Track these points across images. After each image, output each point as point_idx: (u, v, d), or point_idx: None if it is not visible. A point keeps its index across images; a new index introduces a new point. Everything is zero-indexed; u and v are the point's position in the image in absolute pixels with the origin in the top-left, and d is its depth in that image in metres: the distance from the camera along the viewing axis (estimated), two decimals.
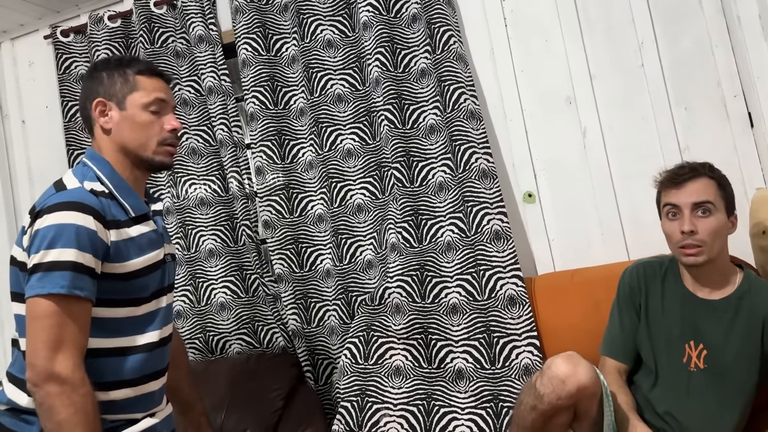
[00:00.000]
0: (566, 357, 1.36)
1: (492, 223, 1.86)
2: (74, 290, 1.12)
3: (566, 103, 1.98)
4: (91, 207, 1.16)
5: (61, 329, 1.11)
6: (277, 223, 2.06)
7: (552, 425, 1.37)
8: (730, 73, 1.84)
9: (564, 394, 1.32)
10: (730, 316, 1.41)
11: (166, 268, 1.31)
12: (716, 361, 1.41)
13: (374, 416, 1.85)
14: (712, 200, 1.38)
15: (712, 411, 1.41)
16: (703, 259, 1.39)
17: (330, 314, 2.04)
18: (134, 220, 1.24)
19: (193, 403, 1.47)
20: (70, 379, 1.10)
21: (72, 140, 2.32)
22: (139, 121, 1.27)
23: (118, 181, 1.26)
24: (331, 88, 2.06)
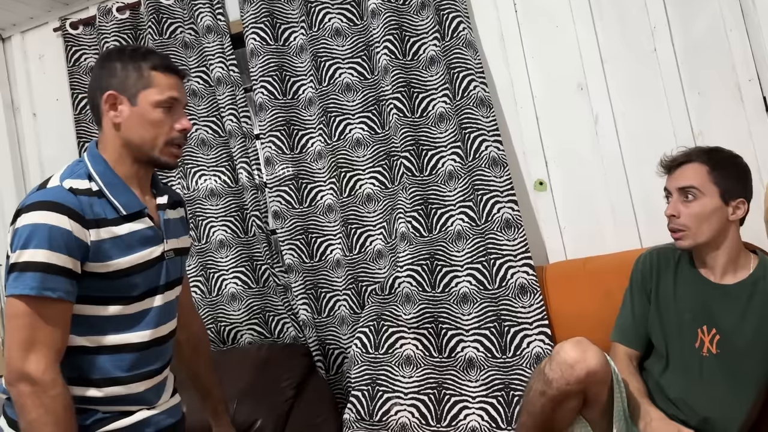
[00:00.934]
0: (575, 342, 1.35)
1: (502, 212, 1.85)
2: (44, 291, 1.11)
3: (578, 89, 1.96)
4: (66, 207, 1.14)
5: (33, 330, 1.11)
6: (286, 213, 2.06)
7: (561, 410, 1.36)
8: (745, 57, 1.81)
9: (573, 379, 1.32)
10: (744, 301, 1.40)
11: (163, 265, 1.27)
12: (729, 345, 1.39)
13: (385, 405, 1.85)
14: (698, 186, 1.39)
15: (725, 396, 1.39)
16: (688, 243, 1.41)
17: (340, 304, 2.04)
18: (125, 218, 1.21)
19: (211, 389, 1.47)
20: (41, 380, 1.10)
21: (83, 132, 2.33)
22: (150, 119, 1.24)
23: (111, 178, 1.22)
24: (340, 77, 2.04)
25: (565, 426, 1.41)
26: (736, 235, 1.43)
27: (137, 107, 1.23)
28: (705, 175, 1.40)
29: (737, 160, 1.45)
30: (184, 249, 1.37)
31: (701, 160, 1.41)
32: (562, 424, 1.40)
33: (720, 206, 1.39)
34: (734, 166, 1.43)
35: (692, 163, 1.42)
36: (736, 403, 1.40)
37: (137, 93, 1.23)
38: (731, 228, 1.42)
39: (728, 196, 1.39)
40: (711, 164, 1.41)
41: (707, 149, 1.46)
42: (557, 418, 1.38)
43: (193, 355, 1.44)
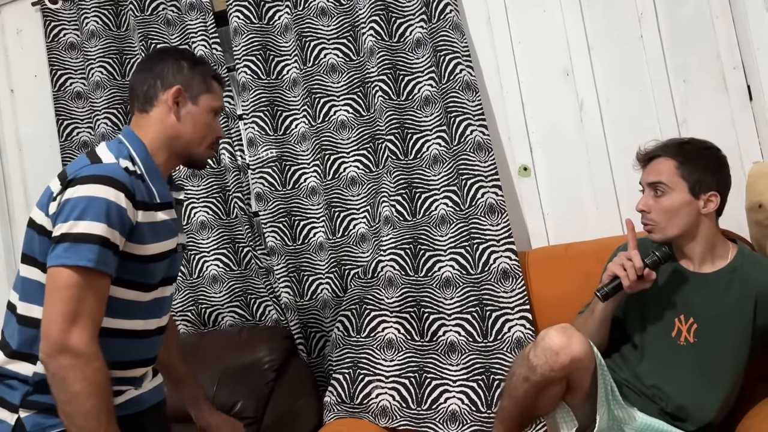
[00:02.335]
0: (560, 329, 1.35)
1: (486, 197, 1.85)
2: (100, 265, 1.12)
3: (563, 74, 1.95)
4: (123, 184, 1.16)
5: (80, 302, 1.11)
6: (269, 195, 2.04)
7: (544, 396, 1.37)
8: (730, 45, 1.81)
9: (557, 365, 1.32)
10: (721, 290, 1.41)
11: (174, 258, 1.33)
12: (706, 334, 1.41)
13: (366, 388, 1.85)
14: (665, 181, 1.40)
15: (701, 384, 1.41)
16: (659, 237, 1.43)
17: (323, 287, 2.03)
18: (158, 206, 1.25)
19: (186, 377, 1.48)
20: (84, 352, 1.10)
21: (61, 110, 2.28)
22: (203, 121, 1.33)
23: (151, 165, 1.27)
24: (325, 57, 2.02)
25: (547, 411, 1.41)
26: (711, 226, 1.43)
27: (197, 107, 1.32)
28: (673, 169, 1.41)
29: (709, 152, 1.44)
30: (185, 245, 1.41)
31: (670, 155, 1.42)
32: (545, 409, 1.41)
33: (689, 200, 1.40)
34: (705, 159, 1.42)
35: (662, 158, 1.43)
36: (712, 391, 1.41)
37: (199, 95, 1.33)
38: (705, 220, 1.42)
39: (698, 189, 1.40)
40: (680, 158, 1.41)
41: (679, 142, 1.46)
42: (540, 403, 1.39)
43: (165, 345, 1.42)
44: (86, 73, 2.23)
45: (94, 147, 1.28)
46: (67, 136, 2.27)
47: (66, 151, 2.26)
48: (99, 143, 1.33)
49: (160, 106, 1.30)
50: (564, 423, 1.40)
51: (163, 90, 1.30)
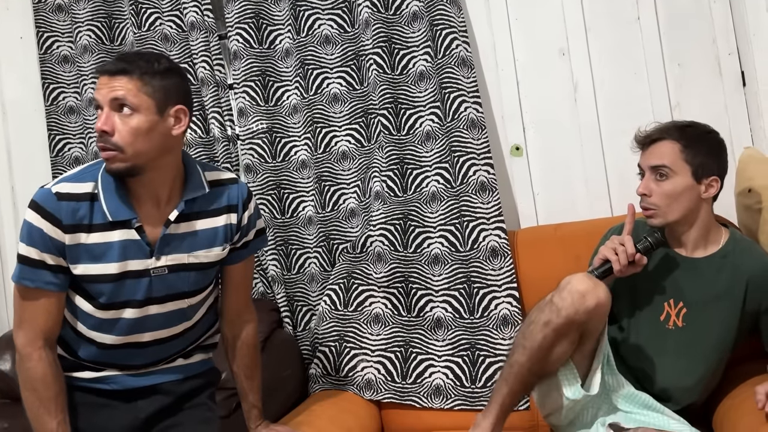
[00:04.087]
0: (585, 275, 1.33)
1: (478, 175, 1.84)
2: (23, 281, 1.26)
3: (559, 54, 1.94)
4: (44, 209, 1.24)
5: (20, 311, 1.28)
6: (259, 167, 2.02)
7: (561, 345, 1.32)
8: (726, 30, 1.81)
9: (582, 308, 1.29)
10: (712, 275, 1.41)
11: (145, 281, 1.29)
12: (694, 319, 1.41)
13: (352, 361, 1.85)
14: (669, 164, 1.38)
15: (685, 368, 1.42)
16: (659, 221, 1.41)
17: (311, 261, 2.02)
18: (113, 225, 1.26)
19: (245, 393, 1.48)
20: (21, 352, 1.27)
21: (47, 73, 2.22)
22: None
23: (113, 184, 1.26)
24: (319, 28, 1.99)
25: (556, 366, 1.37)
26: (708, 211, 1.44)
27: None
28: (677, 153, 1.39)
29: (712, 137, 1.44)
30: (200, 264, 1.34)
31: (674, 138, 1.40)
32: (555, 363, 1.36)
33: (692, 185, 1.39)
34: (708, 143, 1.42)
35: (665, 141, 1.40)
36: (696, 375, 1.42)
37: None
38: (704, 205, 1.42)
39: (701, 174, 1.39)
40: (684, 142, 1.39)
41: (681, 125, 1.44)
42: (554, 354, 1.33)
43: (233, 356, 1.48)
44: (74, 37, 2.17)
45: None
46: (53, 101, 2.22)
47: (51, 116, 2.21)
48: None
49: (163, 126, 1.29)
50: (567, 381, 1.38)
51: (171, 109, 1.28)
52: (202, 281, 1.37)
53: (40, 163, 2.24)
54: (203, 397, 1.43)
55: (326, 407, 1.74)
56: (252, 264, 1.53)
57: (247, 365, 1.48)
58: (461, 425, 1.69)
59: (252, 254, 1.48)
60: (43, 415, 1.26)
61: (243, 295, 1.49)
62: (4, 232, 2.31)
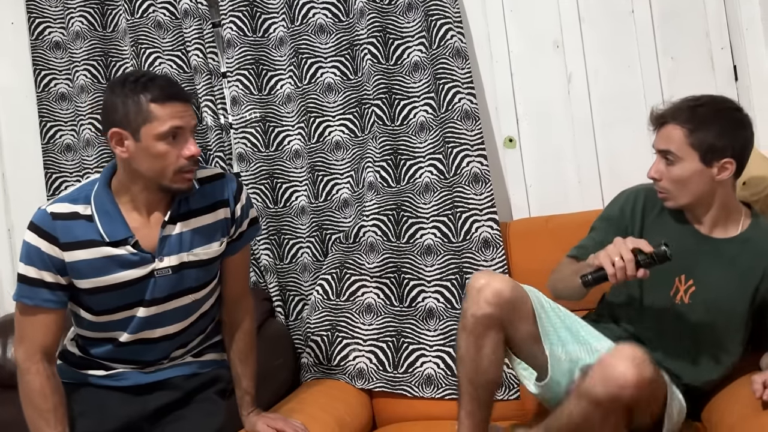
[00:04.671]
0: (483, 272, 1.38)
1: (471, 166, 1.84)
2: (22, 299, 1.33)
3: (554, 47, 1.95)
4: (41, 229, 1.31)
5: (20, 327, 1.34)
6: (252, 156, 2.01)
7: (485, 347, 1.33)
8: (720, 24, 1.82)
9: (482, 301, 1.31)
10: (730, 257, 1.38)
11: (150, 283, 1.35)
12: (701, 298, 1.38)
13: (344, 350, 1.86)
14: (675, 150, 1.34)
15: (687, 348, 1.39)
16: (672, 204, 1.38)
17: (303, 251, 2.02)
18: (111, 244, 1.32)
19: (240, 379, 1.49)
20: (20, 366, 1.33)
21: (39, 60, 2.20)
22: (155, 152, 1.27)
23: (107, 206, 1.32)
24: (313, 17, 1.98)
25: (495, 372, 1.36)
26: (726, 193, 1.37)
27: (141, 143, 1.27)
28: (682, 138, 1.33)
29: (725, 114, 1.34)
30: (200, 261, 1.38)
31: (681, 121, 1.34)
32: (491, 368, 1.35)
33: (701, 169, 1.32)
34: (719, 124, 1.32)
35: (672, 124, 1.35)
36: (696, 355, 1.39)
37: (138, 128, 1.26)
38: (720, 187, 1.35)
39: (710, 158, 1.31)
40: (690, 126, 1.32)
41: (693, 104, 1.36)
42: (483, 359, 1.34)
43: (229, 342, 1.50)
44: (66, 23, 2.15)
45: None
46: (45, 87, 2.20)
47: (43, 103, 2.19)
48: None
49: (113, 148, 1.30)
50: (523, 376, 1.40)
51: (106, 132, 1.30)
52: (205, 277, 1.41)
53: (31, 149, 2.22)
54: (210, 392, 1.45)
55: (318, 396, 1.75)
56: (248, 253, 1.55)
57: (242, 351, 1.49)
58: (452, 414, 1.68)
59: (247, 243, 1.50)
60: (42, 427, 1.30)
61: (241, 283, 1.52)
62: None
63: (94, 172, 2.10)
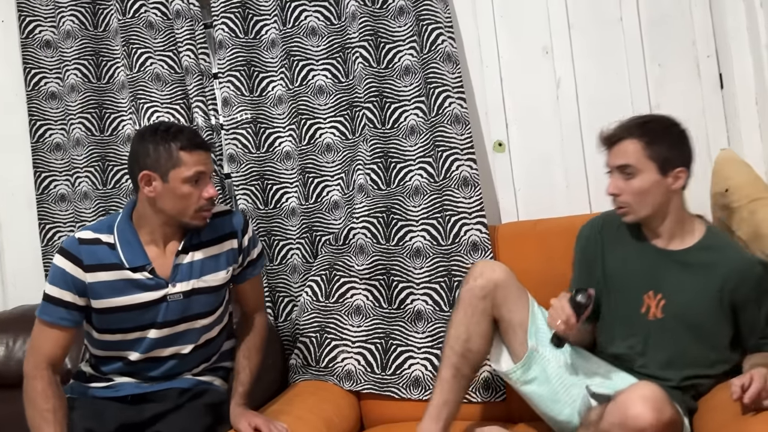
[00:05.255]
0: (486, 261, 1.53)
1: (461, 170, 1.86)
2: (42, 315, 1.47)
3: (543, 52, 1.97)
4: (69, 252, 1.47)
5: (34, 339, 1.48)
6: (242, 157, 2.02)
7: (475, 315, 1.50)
8: (706, 33, 1.85)
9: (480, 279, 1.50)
10: (690, 266, 1.43)
11: (162, 307, 1.49)
12: (673, 310, 1.43)
13: (332, 352, 1.87)
14: (633, 163, 1.40)
15: (667, 361, 1.43)
16: (632, 218, 1.44)
17: (293, 253, 2.03)
18: (130, 269, 1.47)
19: (239, 372, 1.59)
20: (27, 373, 1.45)
21: (29, 58, 2.19)
22: (180, 193, 1.45)
23: (128, 236, 1.49)
24: (305, 19, 1.99)
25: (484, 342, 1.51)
26: (679, 202, 1.46)
27: (168, 184, 1.45)
28: (641, 151, 1.40)
29: (674, 129, 1.44)
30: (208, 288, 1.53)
31: (636, 136, 1.41)
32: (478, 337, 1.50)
33: (659, 179, 1.40)
34: (670, 136, 1.43)
35: (627, 140, 1.42)
36: (678, 368, 1.42)
37: (168, 171, 1.44)
38: (674, 197, 1.44)
39: (667, 167, 1.40)
40: (646, 139, 1.41)
41: (642, 121, 1.46)
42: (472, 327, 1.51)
43: (240, 336, 1.66)
44: (56, 21, 2.15)
45: None
46: (35, 86, 2.19)
47: (32, 101, 2.18)
48: None
49: (141, 189, 1.47)
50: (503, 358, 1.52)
51: (137, 174, 1.46)
52: (213, 303, 1.57)
53: (20, 148, 2.21)
54: (199, 402, 1.54)
55: (305, 397, 1.75)
56: (259, 282, 1.72)
57: (249, 348, 1.62)
58: None
59: (258, 274, 1.69)
60: (41, 424, 1.40)
61: (256, 302, 1.70)
62: None
63: (84, 172, 2.11)
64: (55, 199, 2.17)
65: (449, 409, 1.50)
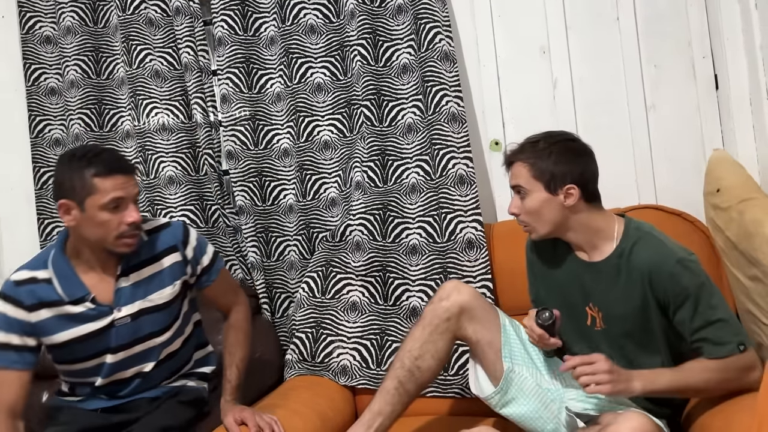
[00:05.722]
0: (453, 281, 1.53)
1: (457, 168, 1.87)
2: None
3: (540, 52, 1.98)
4: (8, 296, 1.44)
5: None
6: (240, 154, 2.03)
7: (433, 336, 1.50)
8: (702, 34, 1.86)
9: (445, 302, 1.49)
10: (612, 277, 1.41)
11: (112, 332, 1.47)
12: (611, 321, 1.42)
13: (328, 347, 1.88)
14: (523, 184, 1.43)
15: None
16: (535, 236, 1.47)
17: (290, 249, 2.04)
18: (70, 303, 1.44)
19: (225, 368, 1.60)
20: None
21: (29, 54, 2.20)
22: (98, 221, 1.40)
23: (63, 269, 1.46)
24: (304, 17, 2.00)
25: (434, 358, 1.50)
26: (584, 216, 1.42)
27: (85, 213, 1.40)
28: (526, 172, 1.42)
29: (560, 146, 1.43)
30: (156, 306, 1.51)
31: (522, 158, 1.43)
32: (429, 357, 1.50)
33: (548, 198, 1.40)
34: (555, 154, 1.41)
35: (516, 163, 1.45)
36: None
37: (83, 200, 1.40)
38: (574, 212, 1.41)
39: (553, 186, 1.40)
40: (531, 160, 1.42)
41: (533, 140, 1.46)
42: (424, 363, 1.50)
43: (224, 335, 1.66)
44: (56, 17, 2.16)
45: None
46: (34, 81, 2.20)
47: (32, 97, 2.19)
48: None
49: (62, 217, 1.43)
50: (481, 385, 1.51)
51: (56, 203, 1.44)
52: (165, 320, 1.53)
53: (20, 144, 2.22)
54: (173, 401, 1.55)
55: (301, 391, 1.77)
56: (225, 277, 1.67)
57: (232, 344, 1.62)
58: (433, 411, 1.73)
59: (219, 272, 1.63)
60: None
61: (229, 298, 1.67)
62: None
63: None
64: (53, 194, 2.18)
65: (382, 420, 1.48)
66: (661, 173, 1.91)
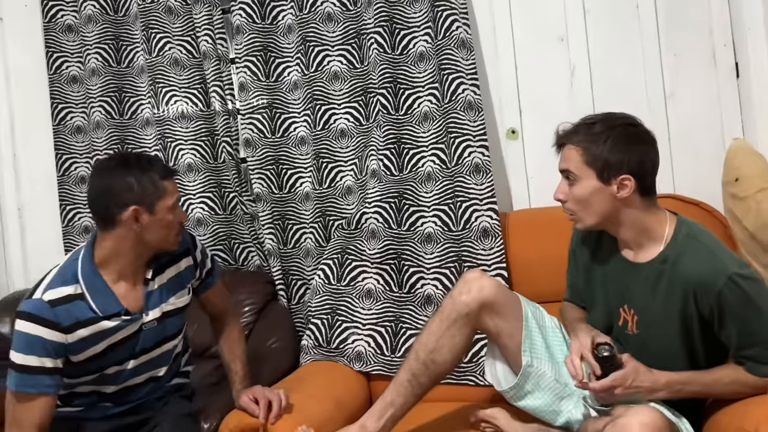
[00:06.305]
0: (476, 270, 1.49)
1: (473, 156, 1.87)
2: (25, 388, 1.38)
3: (558, 40, 1.96)
4: (43, 318, 1.37)
5: (15, 413, 1.39)
6: (258, 142, 2.05)
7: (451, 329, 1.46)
8: (723, 22, 1.83)
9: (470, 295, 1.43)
10: (652, 282, 1.32)
11: (139, 338, 1.47)
12: (646, 326, 1.35)
13: (343, 334, 1.91)
14: (573, 169, 1.32)
15: None
16: (580, 226, 1.37)
17: (306, 236, 2.06)
18: (103, 318, 1.42)
19: (229, 364, 1.62)
20: None
21: (51, 42, 2.24)
22: (165, 222, 1.43)
23: (95, 282, 1.42)
24: (321, 5, 2.00)
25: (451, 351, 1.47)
26: (636, 210, 1.32)
27: (156, 215, 1.41)
28: (578, 157, 1.31)
29: (619, 132, 1.31)
30: (176, 310, 1.53)
31: (575, 141, 1.33)
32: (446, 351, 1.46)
33: (599, 187, 1.30)
34: (612, 141, 1.29)
35: (567, 146, 1.34)
36: None
37: (154, 203, 1.41)
38: (626, 205, 1.31)
39: (608, 174, 1.29)
40: (584, 144, 1.31)
41: (589, 123, 1.34)
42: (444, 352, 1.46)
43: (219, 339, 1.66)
44: (78, 6, 2.19)
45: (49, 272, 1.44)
46: (57, 69, 2.24)
47: (54, 85, 2.23)
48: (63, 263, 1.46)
49: (122, 225, 1.40)
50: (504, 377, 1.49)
51: (119, 211, 1.39)
52: (180, 323, 1.58)
53: (42, 131, 2.27)
54: (176, 396, 1.59)
55: (316, 376, 1.79)
56: (220, 286, 1.68)
57: (230, 341, 1.65)
58: (447, 397, 1.74)
59: (217, 281, 1.65)
60: None
61: (222, 305, 1.68)
62: (5, 196, 2.34)
63: (104, 155, 2.15)
64: (75, 180, 2.22)
65: (394, 411, 1.46)
66: (679, 162, 1.89)
